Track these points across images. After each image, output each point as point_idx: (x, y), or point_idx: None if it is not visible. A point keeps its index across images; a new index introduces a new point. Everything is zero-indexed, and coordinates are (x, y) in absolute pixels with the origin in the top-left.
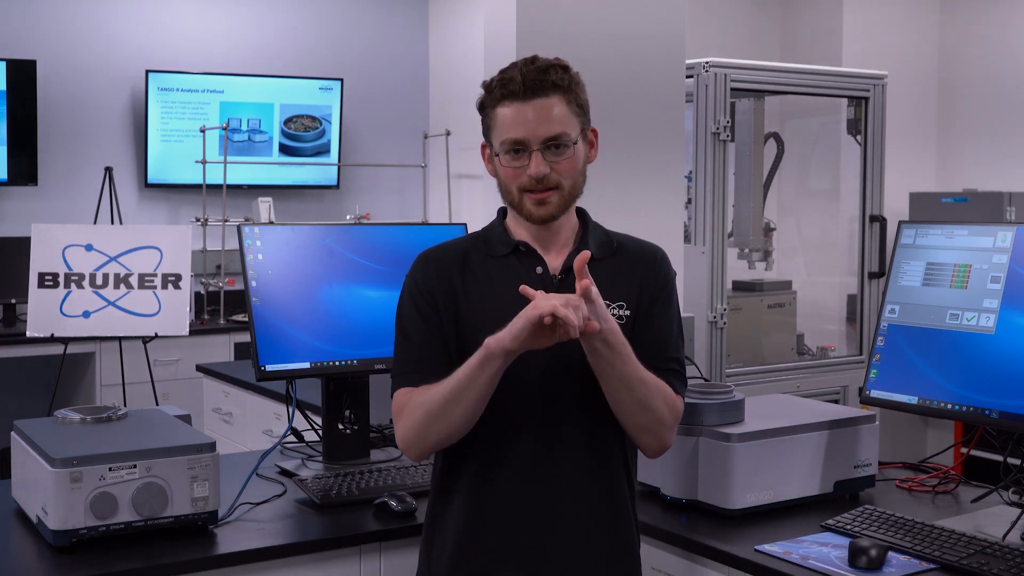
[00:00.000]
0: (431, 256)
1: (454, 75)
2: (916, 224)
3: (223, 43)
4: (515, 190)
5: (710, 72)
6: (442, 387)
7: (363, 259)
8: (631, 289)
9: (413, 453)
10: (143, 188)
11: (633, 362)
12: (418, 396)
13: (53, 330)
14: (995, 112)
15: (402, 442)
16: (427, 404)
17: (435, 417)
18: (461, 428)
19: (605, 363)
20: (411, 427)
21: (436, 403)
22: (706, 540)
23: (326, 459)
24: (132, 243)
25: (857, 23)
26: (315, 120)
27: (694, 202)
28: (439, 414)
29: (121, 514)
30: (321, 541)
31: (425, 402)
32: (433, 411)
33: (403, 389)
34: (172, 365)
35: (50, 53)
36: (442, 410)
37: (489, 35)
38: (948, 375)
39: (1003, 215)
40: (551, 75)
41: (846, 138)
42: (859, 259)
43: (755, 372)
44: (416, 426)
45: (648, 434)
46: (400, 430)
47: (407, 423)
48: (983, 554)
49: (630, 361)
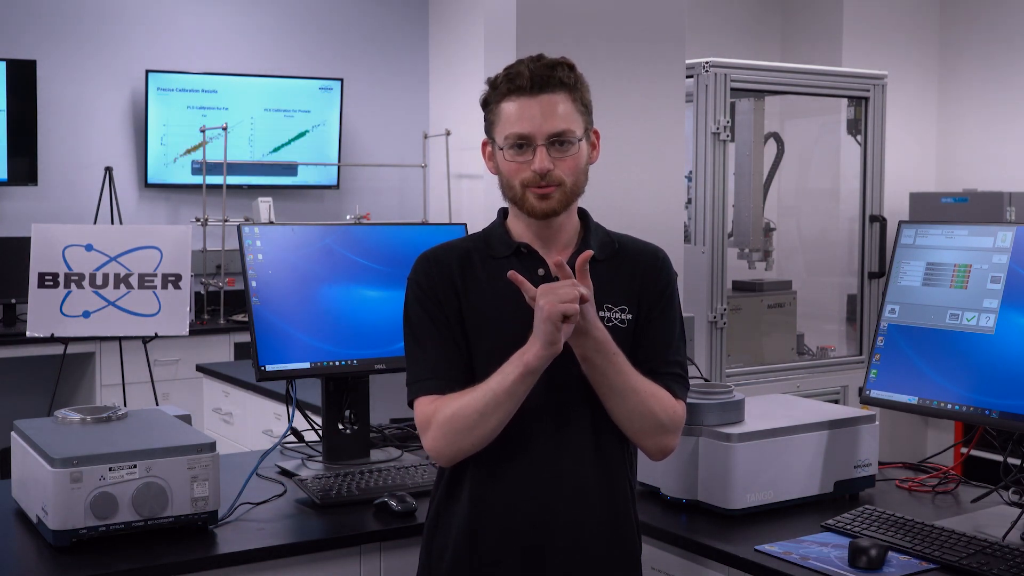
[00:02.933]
0: (432, 257)
1: (454, 75)
2: (916, 224)
3: (223, 43)
4: (517, 185)
5: (710, 72)
6: (474, 400)
7: (363, 259)
8: (632, 291)
9: (444, 461)
10: (143, 188)
11: (625, 371)
12: (445, 407)
13: (53, 330)
14: (995, 112)
15: (433, 452)
16: (461, 416)
17: (470, 429)
18: (493, 437)
19: (597, 371)
20: (442, 437)
21: (470, 416)
22: (706, 540)
23: (326, 459)
24: (132, 243)
25: (857, 23)
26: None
27: (694, 202)
28: (474, 426)
29: (121, 514)
30: (321, 541)
31: (457, 415)
32: (469, 423)
33: (426, 398)
34: (172, 365)
35: (50, 53)
36: (477, 423)
37: (489, 35)
38: (948, 375)
39: (1003, 215)
40: (558, 72)
41: (846, 138)
42: (859, 259)
43: (755, 372)
44: (447, 436)
45: (648, 439)
46: (430, 440)
47: (438, 434)
48: (983, 554)
49: (622, 370)
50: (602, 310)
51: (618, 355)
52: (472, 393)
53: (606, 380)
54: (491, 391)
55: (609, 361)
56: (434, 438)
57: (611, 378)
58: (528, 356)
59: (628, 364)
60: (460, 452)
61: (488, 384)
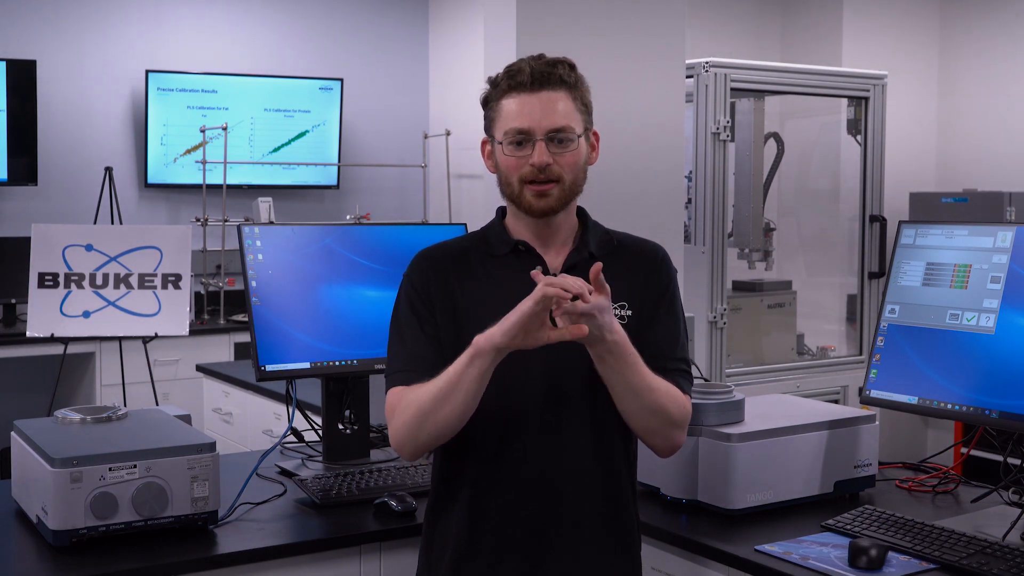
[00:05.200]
0: (429, 256)
1: (454, 75)
2: (916, 224)
3: (223, 43)
4: (515, 181)
5: (710, 72)
6: (432, 385)
7: (363, 259)
8: (632, 288)
9: (406, 452)
10: (143, 188)
11: (641, 370)
12: (409, 395)
13: (53, 330)
14: (995, 112)
15: (395, 441)
16: (417, 403)
17: (425, 415)
18: (453, 426)
19: (612, 372)
20: (402, 426)
21: (426, 402)
22: (706, 540)
23: (326, 459)
24: (132, 243)
25: (857, 23)
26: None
27: (694, 202)
28: (429, 412)
29: (121, 514)
30: (321, 541)
31: (415, 401)
32: (423, 409)
33: (396, 388)
34: (172, 365)
35: (50, 53)
36: (432, 408)
37: (489, 36)
38: (948, 375)
39: (1003, 215)
40: (558, 70)
41: (846, 138)
42: (859, 259)
43: (755, 372)
44: (407, 425)
45: (658, 436)
46: (392, 429)
47: (398, 422)
48: (983, 554)
49: (638, 370)
50: None
51: (634, 354)
52: (432, 381)
53: (622, 379)
54: (444, 376)
55: (626, 362)
56: (394, 427)
57: (628, 378)
58: (479, 337)
59: (643, 363)
60: (418, 442)
61: (445, 371)
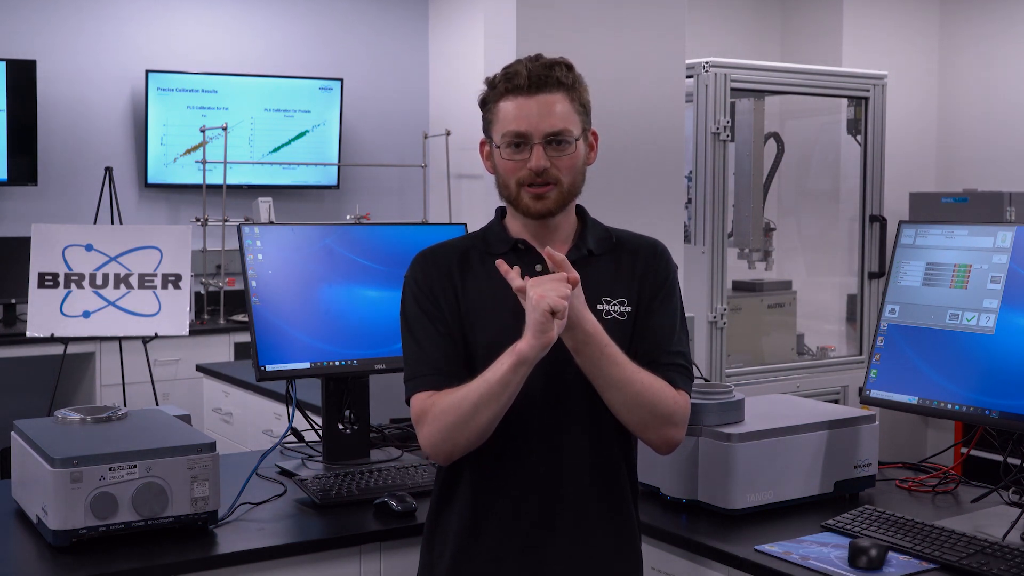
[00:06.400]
0: (429, 255)
1: (454, 75)
2: (916, 224)
3: (223, 43)
4: (513, 184)
5: (710, 72)
6: (469, 392)
7: (363, 259)
8: (632, 284)
9: (441, 458)
10: (143, 188)
11: (620, 363)
12: (441, 401)
13: (53, 330)
14: (995, 112)
15: (429, 447)
16: (454, 409)
17: (464, 422)
18: (488, 432)
19: (590, 363)
20: (437, 432)
21: (464, 409)
22: (706, 540)
23: (326, 459)
24: (132, 243)
25: (857, 23)
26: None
27: (694, 202)
28: (468, 419)
29: (121, 514)
30: (321, 541)
31: (452, 407)
32: (462, 416)
33: (422, 393)
34: (172, 365)
35: (50, 53)
36: (471, 415)
37: (489, 35)
38: (948, 375)
39: (1003, 215)
40: (556, 71)
41: (846, 138)
42: (859, 259)
43: (755, 372)
44: (443, 431)
45: (650, 431)
46: (425, 435)
47: (433, 428)
48: (983, 554)
49: (617, 362)
50: (600, 303)
51: (611, 346)
52: (467, 386)
53: (600, 372)
54: (485, 382)
55: (602, 353)
56: (429, 433)
57: (605, 370)
58: (521, 345)
59: (623, 355)
60: (456, 447)
61: (483, 376)
